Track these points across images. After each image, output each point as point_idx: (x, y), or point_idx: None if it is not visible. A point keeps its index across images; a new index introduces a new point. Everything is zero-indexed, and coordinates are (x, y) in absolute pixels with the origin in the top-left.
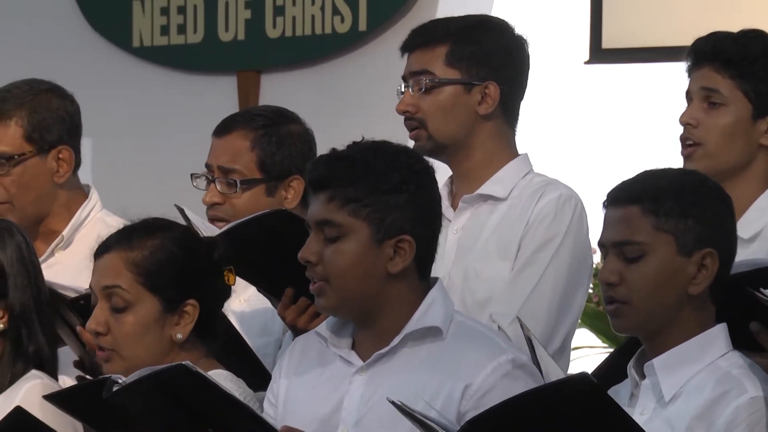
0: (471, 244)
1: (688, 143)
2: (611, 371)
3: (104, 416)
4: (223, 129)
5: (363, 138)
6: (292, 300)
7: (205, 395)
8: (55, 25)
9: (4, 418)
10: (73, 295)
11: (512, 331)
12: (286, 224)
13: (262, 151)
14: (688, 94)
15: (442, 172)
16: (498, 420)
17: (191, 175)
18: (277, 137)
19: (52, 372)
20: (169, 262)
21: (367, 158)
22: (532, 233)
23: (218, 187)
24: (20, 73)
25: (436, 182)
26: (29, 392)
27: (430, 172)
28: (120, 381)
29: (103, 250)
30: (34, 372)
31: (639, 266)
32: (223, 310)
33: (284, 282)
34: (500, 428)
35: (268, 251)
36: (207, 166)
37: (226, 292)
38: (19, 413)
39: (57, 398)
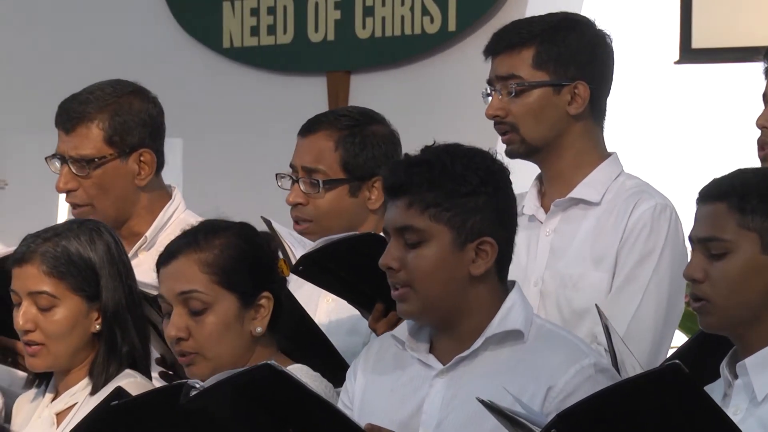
0: (564, 249)
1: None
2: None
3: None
4: (308, 129)
5: (435, 141)
6: (382, 314)
7: (288, 395)
8: (146, 27)
9: (105, 399)
10: (154, 292)
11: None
12: (374, 246)
13: (345, 151)
14: (765, 97)
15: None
16: (588, 412)
17: (276, 175)
18: (360, 138)
19: (146, 370)
20: (240, 257)
21: (444, 162)
22: (629, 246)
23: (302, 187)
24: (112, 74)
25: (511, 182)
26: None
27: (506, 172)
28: (197, 386)
29: (170, 256)
30: (128, 371)
31: (723, 264)
32: (308, 306)
33: (373, 296)
34: (591, 420)
35: (357, 267)
36: (291, 166)
37: (284, 283)
38: (119, 393)
39: (124, 407)
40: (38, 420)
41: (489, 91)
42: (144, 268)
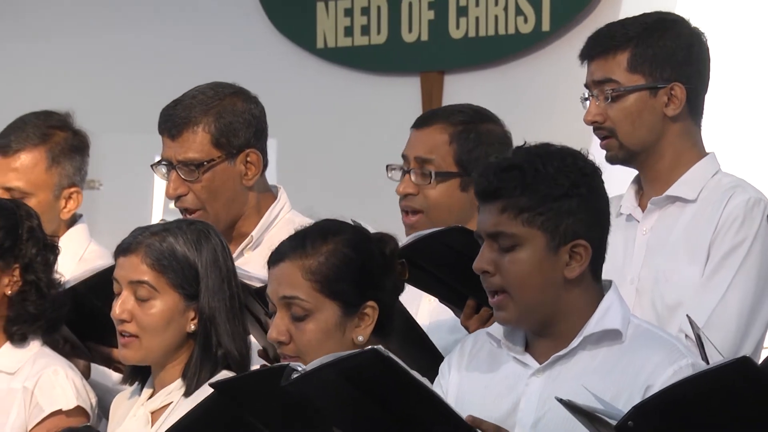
0: (660, 246)
1: None
2: None
3: (276, 410)
4: (423, 122)
5: (525, 143)
6: (474, 310)
7: (392, 381)
8: (240, 28)
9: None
10: (257, 284)
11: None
12: (463, 240)
13: (459, 146)
14: None
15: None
16: (664, 404)
17: (387, 166)
18: (475, 134)
19: None
20: (345, 266)
21: (536, 165)
22: (721, 238)
23: (413, 178)
24: (207, 75)
25: (603, 182)
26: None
27: (598, 172)
28: (299, 369)
29: (278, 257)
30: (223, 373)
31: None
32: (410, 307)
33: (464, 292)
34: (667, 412)
35: (448, 263)
36: (403, 156)
37: (400, 287)
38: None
39: (225, 387)
40: (133, 418)
41: (587, 96)
42: (249, 267)
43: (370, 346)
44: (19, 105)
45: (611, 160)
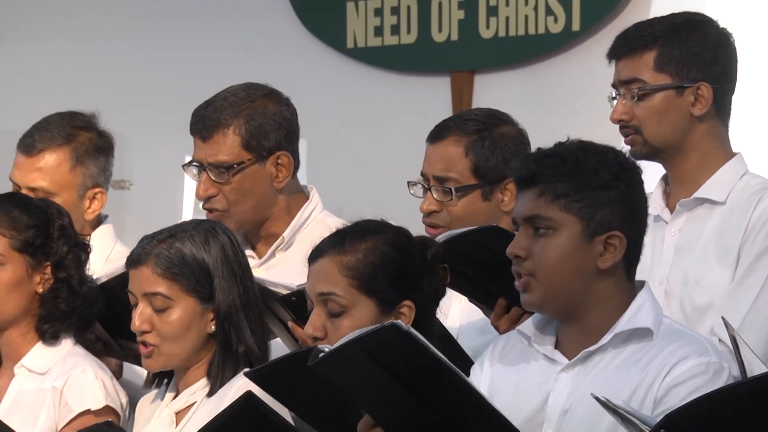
0: (689, 248)
1: None
2: None
3: (308, 397)
4: (436, 135)
5: (568, 138)
6: (505, 310)
7: (414, 357)
8: (270, 28)
9: (235, 402)
10: (283, 291)
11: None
12: (496, 239)
13: (476, 156)
14: None
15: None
16: (698, 414)
17: (408, 182)
18: (490, 141)
19: None
20: (383, 264)
21: (577, 156)
22: (751, 241)
23: (434, 195)
24: (237, 75)
25: (642, 181)
26: (240, 391)
27: (637, 170)
28: (326, 349)
29: (316, 254)
30: (247, 371)
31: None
32: (443, 307)
33: (495, 292)
34: (701, 422)
35: (479, 263)
36: (422, 174)
37: (440, 291)
38: (249, 399)
39: (258, 374)
40: (158, 419)
41: (614, 95)
42: (281, 268)
43: (390, 321)
44: (48, 105)
45: (634, 155)
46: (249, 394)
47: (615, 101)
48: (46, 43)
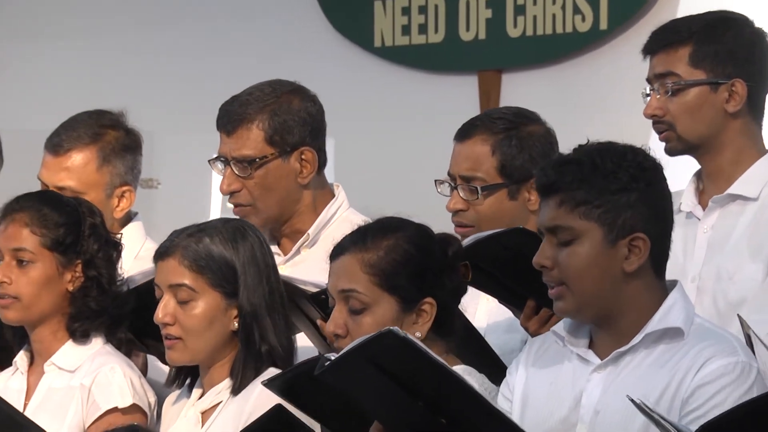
0: (722, 244)
1: None
2: None
3: (325, 402)
4: (463, 134)
5: (588, 140)
6: (534, 311)
7: (415, 363)
8: (297, 26)
9: (265, 415)
10: (313, 289)
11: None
12: (523, 241)
13: (502, 155)
14: None
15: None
16: (732, 425)
17: (435, 181)
18: (517, 140)
19: None
20: (404, 261)
21: (594, 160)
22: None
23: (461, 194)
24: (265, 75)
25: (665, 179)
26: (263, 392)
27: (659, 168)
28: (332, 358)
29: (338, 251)
30: (270, 370)
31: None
32: (470, 306)
33: (524, 293)
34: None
35: (507, 265)
36: (449, 174)
37: (462, 289)
38: (279, 412)
39: (276, 383)
40: (184, 419)
41: (648, 91)
42: (306, 265)
43: (388, 327)
44: (77, 104)
45: (670, 151)
46: (279, 407)
47: (649, 97)
48: (74, 41)
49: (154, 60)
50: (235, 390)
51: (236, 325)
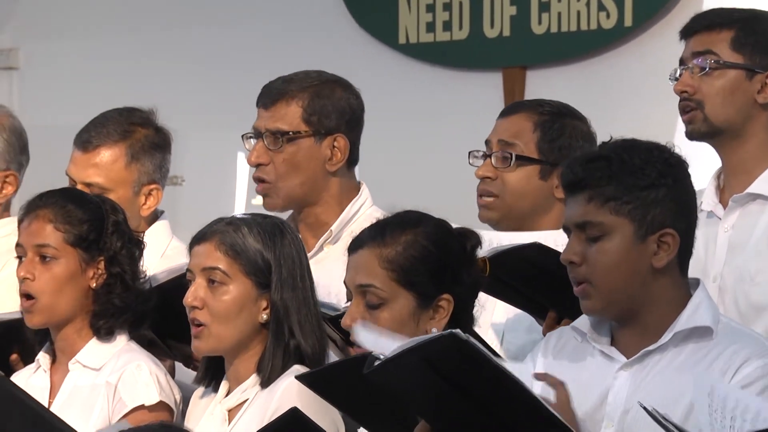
0: (743, 244)
1: None
2: None
3: (362, 400)
4: (510, 110)
5: (611, 138)
6: (556, 321)
7: (474, 368)
8: (322, 23)
9: (280, 418)
10: (331, 313)
11: None
12: (540, 257)
13: (543, 133)
14: None
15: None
16: None
17: (469, 152)
18: (560, 125)
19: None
20: (422, 258)
21: (622, 156)
22: None
23: (493, 162)
24: (289, 71)
25: (690, 175)
26: (290, 387)
27: (684, 165)
28: (381, 357)
29: (357, 245)
30: (296, 367)
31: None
32: (488, 304)
33: (545, 304)
34: None
35: (528, 276)
36: (486, 142)
37: (479, 283)
38: (294, 415)
39: (311, 378)
40: (211, 416)
41: (679, 72)
42: (328, 262)
43: (449, 330)
44: (104, 101)
45: (692, 134)
46: (294, 410)
47: (676, 81)
48: (103, 38)
49: (180, 58)
50: (263, 382)
51: (265, 317)
